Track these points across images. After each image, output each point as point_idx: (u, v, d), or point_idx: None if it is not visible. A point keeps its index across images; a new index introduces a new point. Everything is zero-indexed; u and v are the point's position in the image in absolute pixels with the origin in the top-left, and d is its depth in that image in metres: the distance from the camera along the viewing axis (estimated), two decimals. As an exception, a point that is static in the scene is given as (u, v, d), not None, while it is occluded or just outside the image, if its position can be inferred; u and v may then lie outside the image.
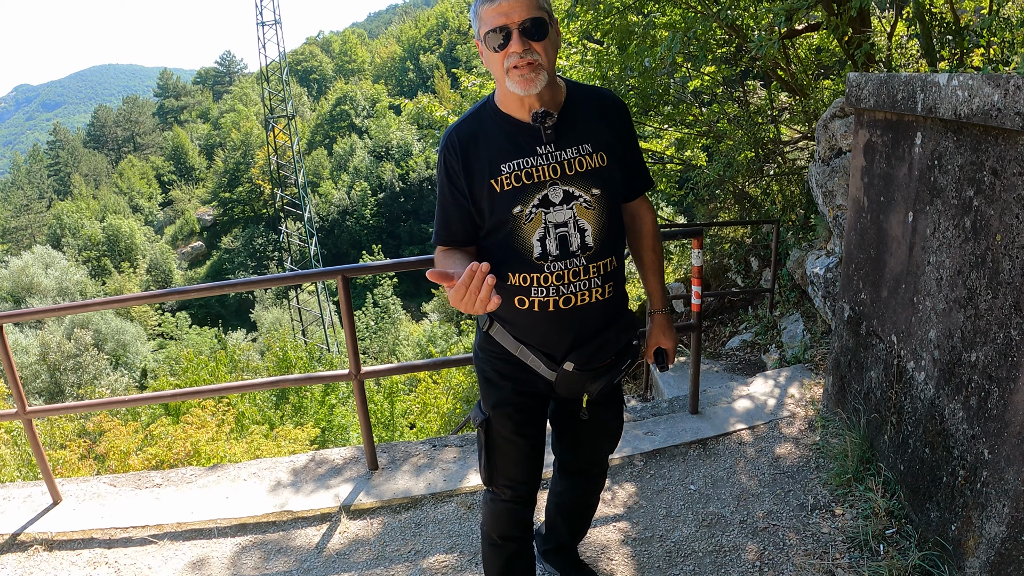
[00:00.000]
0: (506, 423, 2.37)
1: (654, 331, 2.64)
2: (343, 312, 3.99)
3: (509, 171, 2.10)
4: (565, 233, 2.14)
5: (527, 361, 2.30)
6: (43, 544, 3.85)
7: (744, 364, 7.19)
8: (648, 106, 10.09)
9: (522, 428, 2.38)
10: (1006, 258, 2.42)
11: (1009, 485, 2.43)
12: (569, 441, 2.63)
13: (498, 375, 2.37)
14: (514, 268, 2.15)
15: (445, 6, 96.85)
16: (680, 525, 3.51)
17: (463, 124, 2.20)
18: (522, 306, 2.20)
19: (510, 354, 2.33)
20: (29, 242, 60.78)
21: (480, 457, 2.45)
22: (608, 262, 2.22)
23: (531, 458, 2.46)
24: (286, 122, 49.96)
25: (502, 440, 2.40)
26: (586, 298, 2.20)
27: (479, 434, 2.42)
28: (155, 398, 4.86)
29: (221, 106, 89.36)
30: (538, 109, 2.09)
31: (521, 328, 2.28)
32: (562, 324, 2.22)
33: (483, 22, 2.02)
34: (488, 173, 2.12)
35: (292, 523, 3.87)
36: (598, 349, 2.27)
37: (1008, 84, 2.25)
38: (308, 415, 13.78)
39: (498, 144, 2.13)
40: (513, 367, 2.35)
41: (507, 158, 2.11)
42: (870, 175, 3.58)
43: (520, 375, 2.35)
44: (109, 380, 32.14)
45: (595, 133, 2.19)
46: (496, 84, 2.16)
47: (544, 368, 2.28)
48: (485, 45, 2.05)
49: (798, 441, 4.14)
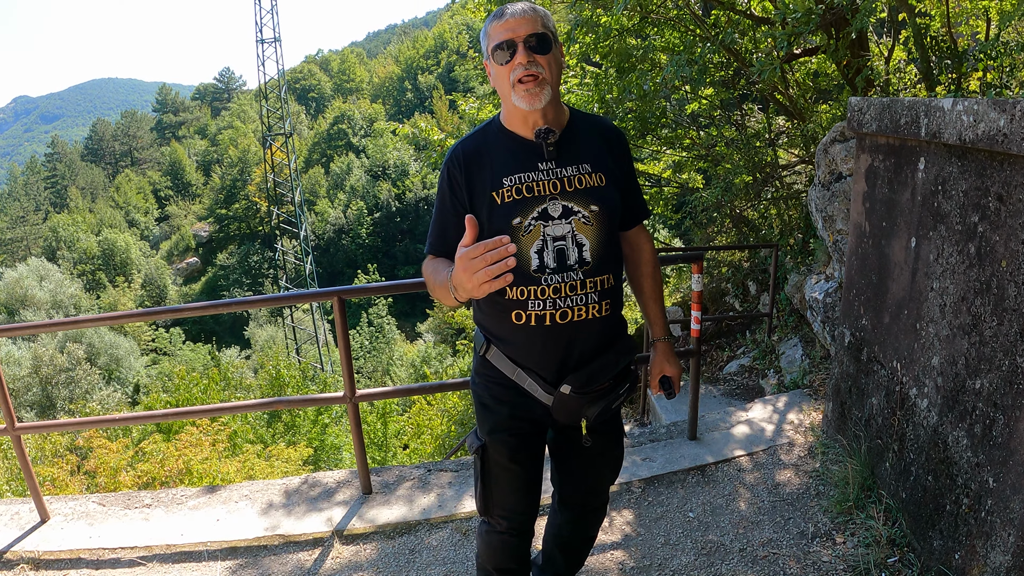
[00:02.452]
0: (502, 450, 2.33)
1: (658, 359, 2.60)
2: (339, 334, 3.95)
3: (510, 184, 2.14)
4: (563, 247, 2.14)
5: (524, 385, 2.26)
6: (30, 563, 3.79)
7: (742, 389, 7.15)
8: (646, 129, 10.11)
9: (518, 455, 2.35)
10: (1012, 284, 2.39)
11: (1015, 514, 2.39)
12: (569, 471, 2.57)
13: (494, 400, 2.34)
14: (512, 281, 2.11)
15: (443, 27, 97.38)
16: (679, 553, 3.46)
17: (469, 140, 2.26)
18: (519, 321, 2.19)
19: (507, 378, 2.29)
20: (24, 254, 60.66)
21: (476, 485, 2.42)
22: (606, 279, 2.21)
23: (528, 487, 2.42)
24: (284, 140, 50.16)
25: (498, 468, 2.36)
26: (583, 314, 2.18)
27: (475, 461, 2.39)
28: (146, 417, 4.80)
29: (219, 122, 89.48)
30: (541, 126, 2.15)
31: (518, 348, 2.25)
32: (559, 340, 2.20)
33: (491, 39, 2.11)
34: (490, 185, 2.15)
35: (284, 547, 3.80)
36: (596, 371, 2.23)
37: (1015, 109, 2.24)
38: (301, 434, 13.67)
39: (501, 159, 2.18)
40: (510, 391, 2.31)
41: (509, 172, 2.16)
42: (872, 200, 3.56)
43: (517, 399, 2.31)
44: (101, 395, 31.85)
45: (594, 155, 2.24)
46: (503, 102, 2.22)
47: (541, 392, 2.25)
48: (492, 61, 2.12)
49: (798, 468, 4.09)
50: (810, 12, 5.31)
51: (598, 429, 2.39)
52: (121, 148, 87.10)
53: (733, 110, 10.54)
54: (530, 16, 2.07)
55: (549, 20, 2.13)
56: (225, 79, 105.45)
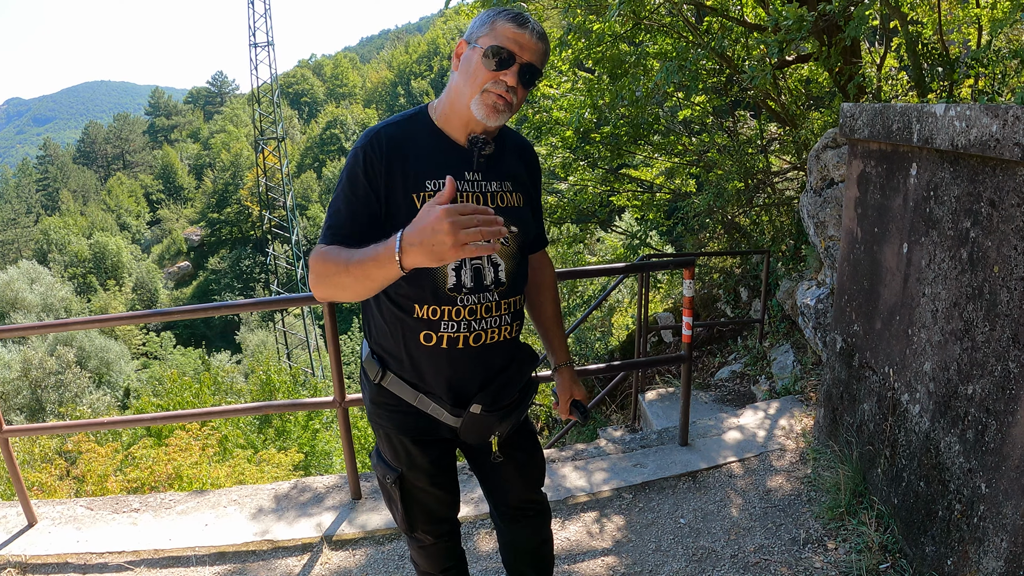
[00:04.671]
0: (421, 477, 2.24)
1: (565, 384, 2.50)
2: (328, 338, 3.92)
3: (433, 188, 1.97)
4: (480, 266, 2.03)
5: (427, 410, 2.12)
6: (16, 567, 3.74)
7: (734, 395, 7.15)
8: (638, 135, 10.13)
9: (437, 479, 2.27)
10: (1004, 290, 2.39)
11: (1007, 520, 2.39)
12: (494, 486, 2.46)
13: (399, 430, 2.19)
14: (423, 299, 2.00)
15: (436, 32, 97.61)
16: (670, 560, 3.44)
17: (393, 126, 2.03)
18: (428, 342, 2.03)
19: (408, 404, 2.14)
20: (15, 257, 60.43)
21: (395, 509, 2.32)
22: (517, 300, 2.14)
23: (451, 497, 2.35)
24: (276, 144, 50.08)
25: (419, 491, 2.27)
26: (495, 336, 2.09)
27: (391, 489, 2.27)
28: (135, 421, 4.78)
29: (212, 126, 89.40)
30: (478, 134, 2.01)
31: (421, 372, 2.09)
32: (470, 364, 2.09)
33: (494, 35, 1.91)
34: (411, 186, 1.96)
35: (272, 553, 3.77)
36: (503, 387, 2.14)
37: (1007, 114, 2.24)
38: (291, 440, 13.62)
39: (426, 157, 2.00)
40: (412, 417, 2.16)
41: (433, 175, 1.98)
42: (864, 206, 3.56)
43: (423, 424, 2.17)
44: (91, 399, 31.71)
45: (516, 174, 2.14)
46: (449, 97, 2.02)
47: (447, 415, 2.11)
48: (479, 55, 1.92)
49: (789, 474, 4.08)
50: (802, 19, 5.31)
51: (513, 441, 2.31)
52: (113, 151, 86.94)
53: (725, 116, 10.58)
54: (540, 46, 1.95)
55: (547, 57, 2.01)
56: (218, 83, 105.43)
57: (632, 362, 5.10)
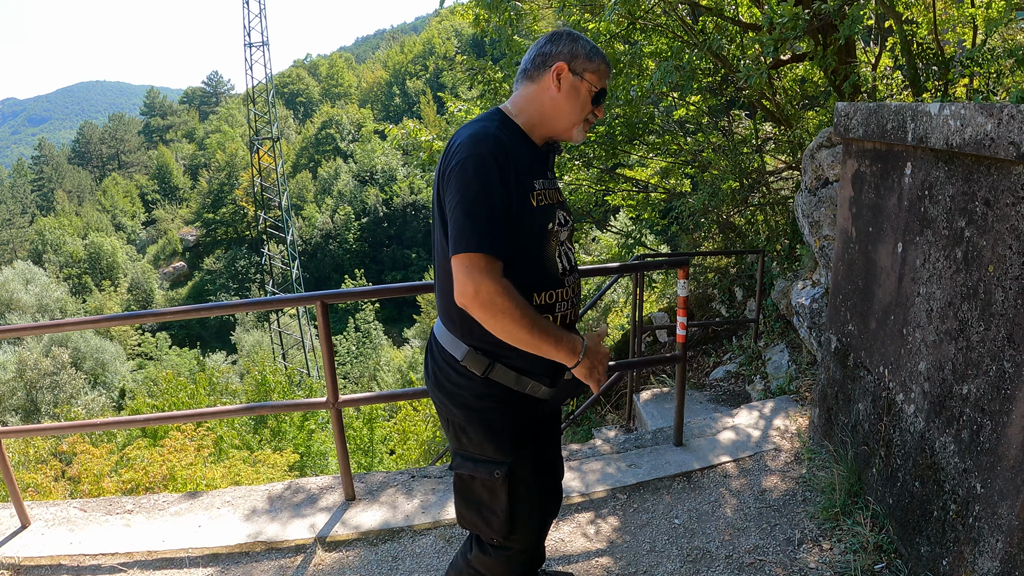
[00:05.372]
0: (539, 458, 2.30)
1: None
2: (321, 338, 3.90)
3: (539, 187, 2.16)
4: (568, 250, 2.27)
5: (525, 390, 2.18)
6: (9, 569, 3.72)
7: (729, 395, 7.14)
8: (634, 134, 10.11)
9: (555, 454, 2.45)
10: (999, 289, 2.39)
11: (1003, 520, 2.38)
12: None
13: (505, 416, 2.21)
14: (542, 286, 2.15)
15: (432, 32, 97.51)
16: (664, 560, 3.43)
17: (498, 131, 2.10)
18: None
19: (511, 391, 2.18)
20: (10, 257, 60.30)
21: (494, 513, 2.26)
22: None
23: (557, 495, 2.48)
24: (271, 144, 50.02)
25: (533, 481, 2.28)
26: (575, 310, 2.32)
27: (496, 487, 2.23)
28: (130, 422, 4.75)
29: (207, 126, 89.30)
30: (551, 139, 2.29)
31: (534, 356, 2.08)
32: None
33: (600, 76, 2.21)
34: (525, 186, 2.11)
35: (266, 554, 3.75)
36: None
37: (1001, 113, 2.23)
38: (287, 440, 13.62)
39: (525, 160, 2.16)
40: (519, 402, 2.21)
41: (535, 176, 2.17)
42: (859, 205, 3.55)
43: (528, 404, 2.22)
44: (86, 400, 31.66)
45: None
46: (541, 110, 2.23)
47: (544, 390, 2.21)
48: (587, 91, 2.19)
49: (784, 474, 4.08)
50: (797, 18, 5.31)
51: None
52: (108, 151, 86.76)
53: (720, 116, 10.57)
54: None
55: None
56: (213, 83, 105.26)
57: (627, 362, 5.07)
